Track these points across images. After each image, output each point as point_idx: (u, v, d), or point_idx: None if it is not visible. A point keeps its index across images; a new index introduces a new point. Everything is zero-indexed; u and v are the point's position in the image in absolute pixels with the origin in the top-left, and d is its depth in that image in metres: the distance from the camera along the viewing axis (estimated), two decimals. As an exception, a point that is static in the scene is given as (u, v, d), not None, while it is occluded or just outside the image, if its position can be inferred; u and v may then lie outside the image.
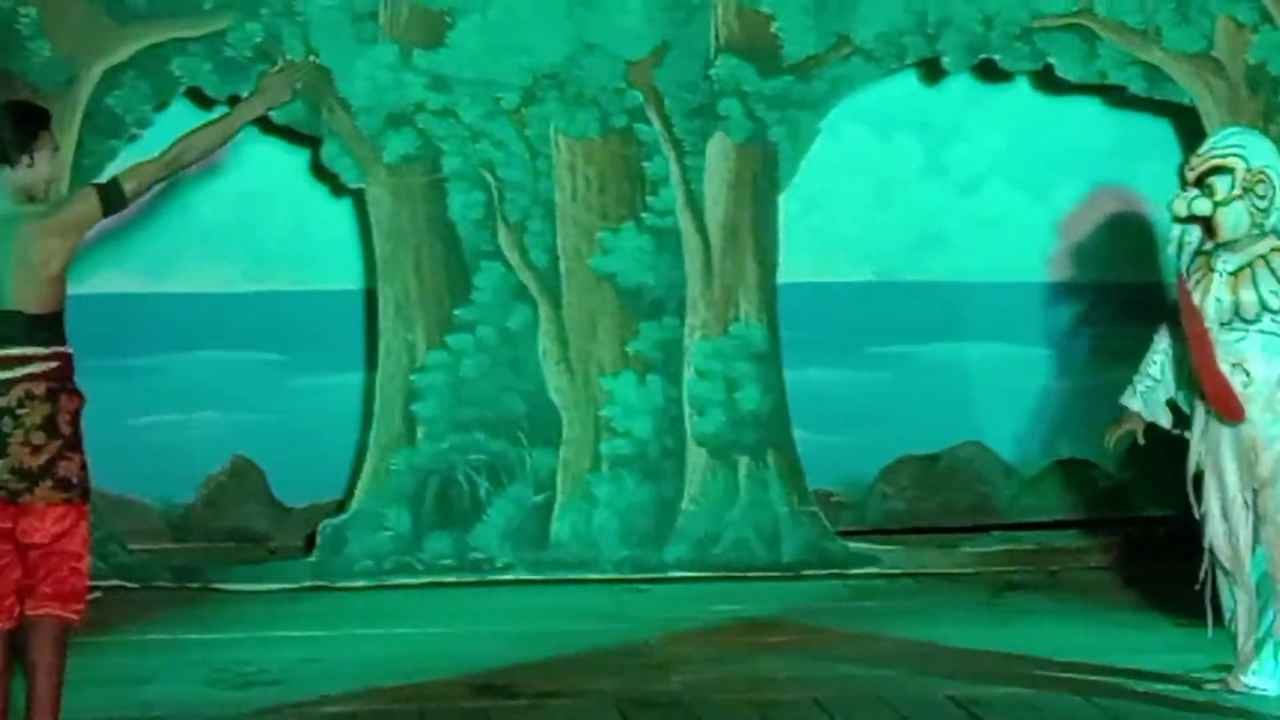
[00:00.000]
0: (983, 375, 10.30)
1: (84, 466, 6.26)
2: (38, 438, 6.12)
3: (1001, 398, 10.29)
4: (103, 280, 9.55)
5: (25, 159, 6.12)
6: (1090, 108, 10.07)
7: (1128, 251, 10.17)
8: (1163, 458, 7.63)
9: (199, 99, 9.47)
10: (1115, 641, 8.05)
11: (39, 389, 6.12)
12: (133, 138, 9.38)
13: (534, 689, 7.44)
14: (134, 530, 9.71)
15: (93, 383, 9.05)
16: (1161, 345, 7.43)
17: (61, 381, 6.20)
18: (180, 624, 8.61)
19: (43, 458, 6.13)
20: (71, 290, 6.38)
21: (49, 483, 6.15)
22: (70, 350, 6.26)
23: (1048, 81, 9.93)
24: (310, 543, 9.56)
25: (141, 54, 9.28)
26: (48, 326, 6.17)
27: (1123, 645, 7.94)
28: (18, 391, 6.10)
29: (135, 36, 9.25)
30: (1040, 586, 9.37)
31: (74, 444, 6.22)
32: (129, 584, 9.24)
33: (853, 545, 9.66)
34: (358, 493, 9.50)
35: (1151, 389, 7.42)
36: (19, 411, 6.11)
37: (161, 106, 9.40)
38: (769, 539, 9.53)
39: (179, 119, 9.45)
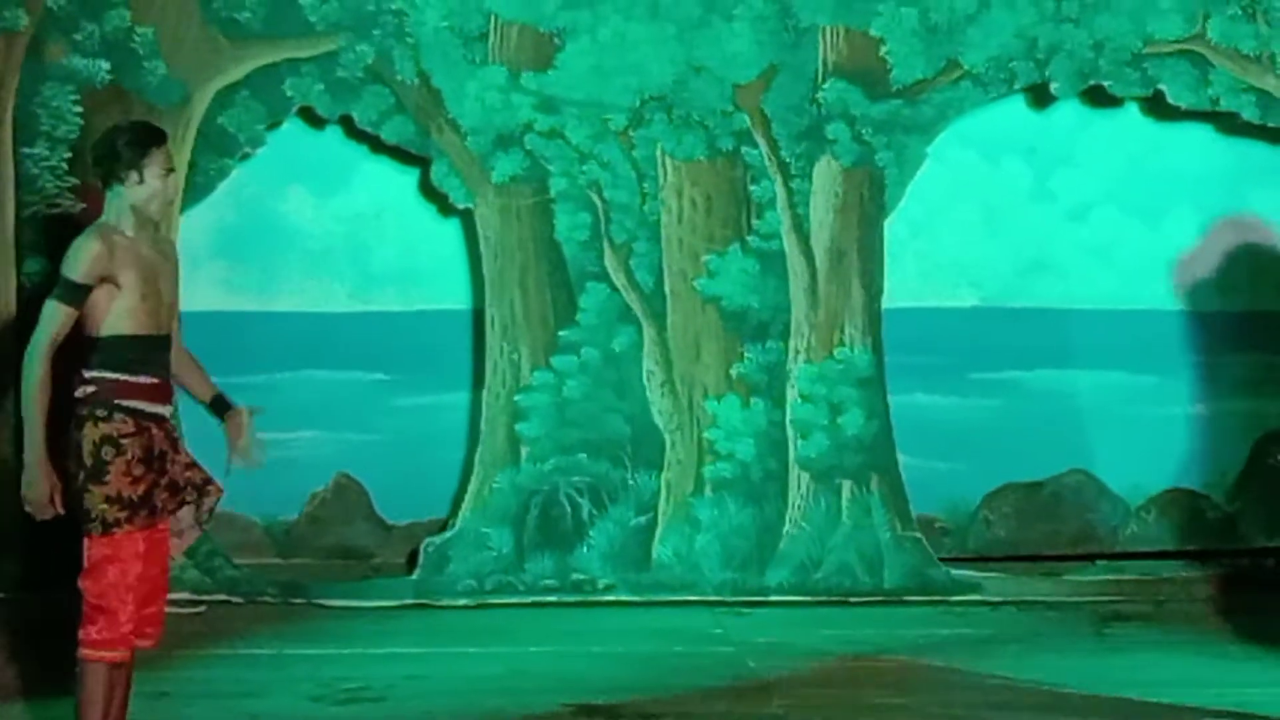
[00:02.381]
0: (1090, 403, 10.21)
1: (110, 499, 5.99)
2: (71, 465, 6.04)
3: (1108, 426, 10.21)
4: (213, 298, 9.65)
5: (134, 175, 6.10)
6: (1201, 134, 9.97)
7: (1242, 279, 10.06)
8: (1274, 488, 7.54)
9: (310, 118, 9.58)
10: (1223, 675, 7.95)
11: (75, 415, 6.04)
12: (245, 156, 9.49)
13: (637, 710, 7.44)
14: (239, 546, 9.79)
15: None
16: None
17: (92, 409, 6.03)
18: (285, 639, 8.67)
19: (74, 486, 6.03)
20: (181, 308, 6.38)
21: (79, 511, 6.03)
22: (116, 378, 6.04)
23: (1158, 108, 9.85)
24: (413, 561, 9.60)
25: (255, 74, 9.38)
26: (94, 350, 6.06)
27: (1230, 679, 7.85)
28: (74, 418, 6.07)
29: (249, 56, 9.36)
30: (1147, 617, 9.26)
31: (97, 475, 5.99)
32: (234, 598, 9.31)
33: (956, 572, 9.60)
34: (461, 512, 9.53)
35: None
36: (69, 438, 6.06)
37: (274, 125, 9.50)
38: (871, 564, 9.48)
39: (291, 138, 9.63)
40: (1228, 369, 9.57)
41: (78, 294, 5.99)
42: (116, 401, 6.03)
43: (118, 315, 6.04)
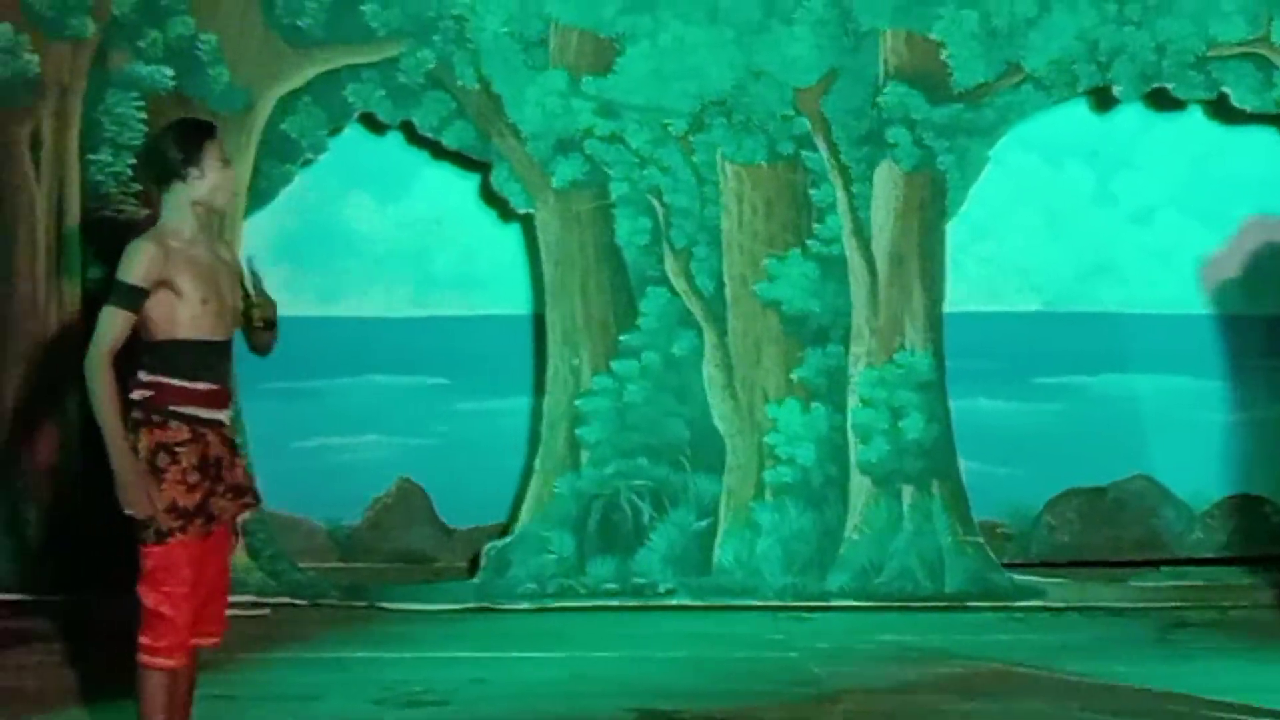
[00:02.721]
0: (1153, 408, 10.16)
1: (165, 508, 5.92)
2: None
3: (1172, 431, 10.15)
4: (278, 304, 9.67)
5: (195, 170, 6.05)
6: (1265, 137, 9.89)
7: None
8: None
9: (371, 124, 9.62)
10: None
11: (130, 419, 5.96)
12: (307, 162, 9.54)
13: (698, 714, 7.41)
14: (302, 550, 9.85)
15: (264, 404, 9.33)
16: None
17: (147, 414, 5.96)
18: (347, 642, 8.68)
19: None
20: (246, 313, 6.37)
21: (135, 520, 5.98)
22: (172, 383, 5.96)
23: (1221, 110, 9.78)
24: (474, 565, 9.62)
25: (316, 80, 9.43)
26: (150, 354, 5.99)
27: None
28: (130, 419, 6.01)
29: (311, 63, 9.41)
30: (1211, 624, 9.19)
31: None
32: (298, 601, 9.35)
33: (1018, 578, 9.55)
34: (522, 516, 9.55)
35: None
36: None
37: (335, 131, 9.54)
38: (933, 569, 9.44)
39: (352, 144, 9.66)
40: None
41: (135, 298, 5.91)
42: (172, 408, 5.97)
43: (179, 320, 5.96)
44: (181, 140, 6.08)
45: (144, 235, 6.03)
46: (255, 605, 9.06)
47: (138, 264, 5.91)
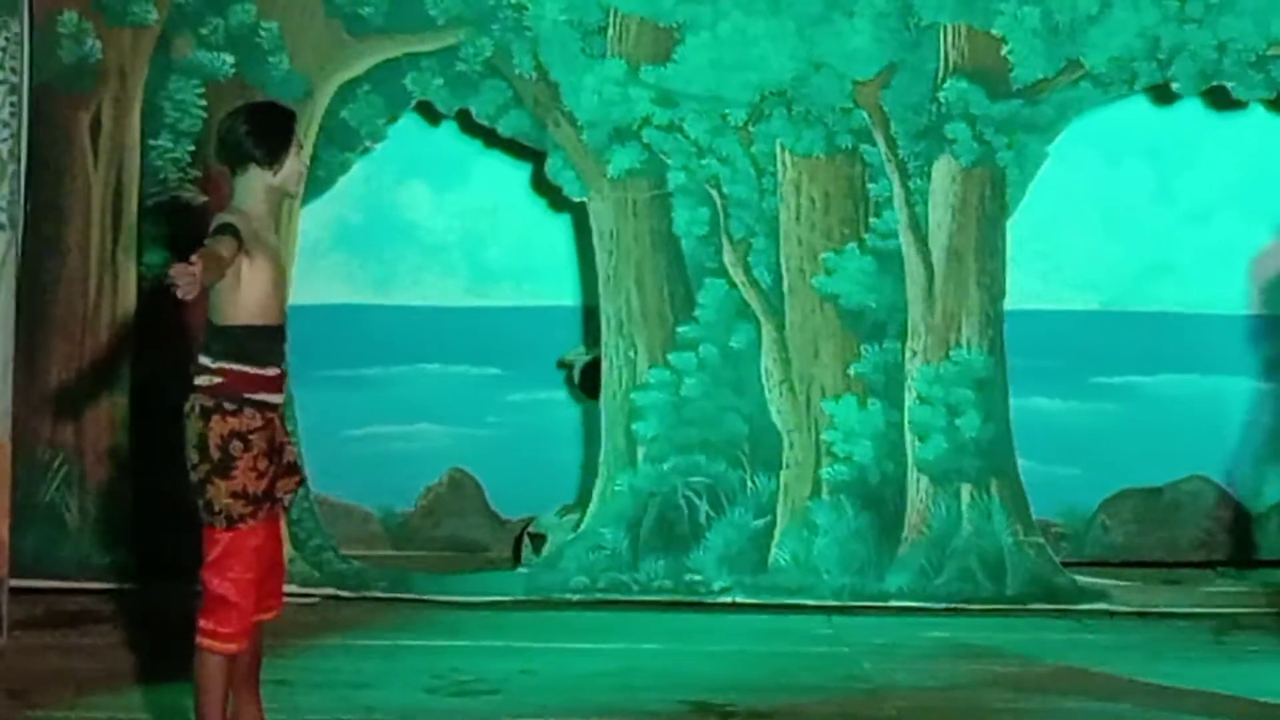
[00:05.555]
0: (1210, 408, 10.09)
1: (235, 494, 5.94)
2: (192, 456, 5.98)
3: (1229, 432, 10.10)
4: (331, 290, 9.72)
5: (275, 157, 6.03)
6: (1329, 137, 9.84)
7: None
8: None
9: (428, 113, 9.61)
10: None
11: (197, 405, 5.96)
12: (365, 150, 9.52)
13: (750, 709, 7.39)
14: (355, 537, 9.86)
15: (318, 392, 9.36)
16: None
17: (218, 401, 5.95)
18: (399, 631, 8.67)
19: (195, 477, 5.98)
20: (300, 300, 6.36)
21: (199, 502, 6.00)
22: (245, 370, 5.96)
23: (1281, 110, 9.73)
24: (517, 553, 9.62)
25: (376, 68, 9.40)
26: (221, 339, 5.97)
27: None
28: (189, 402, 5.99)
29: (371, 51, 9.38)
30: (1268, 628, 9.08)
31: (223, 470, 5.93)
32: (343, 593, 9.32)
33: (1081, 580, 9.43)
34: (577, 512, 9.51)
35: None
36: (184, 424, 6.00)
37: (393, 120, 9.51)
38: (993, 570, 9.33)
39: (408, 134, 9.66)
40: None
41: (239, 234, 5.81)
42: (246, 395, 5.98)
43: (249, 305, 5.95)
44: (264, 126, 6.09)
45: (225, 212, 6.01)
46: (299, 596, 9.04)
47: (235, 220, 5.88)
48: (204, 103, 9.33)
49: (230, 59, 9.35)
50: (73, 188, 9.40)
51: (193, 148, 9.32)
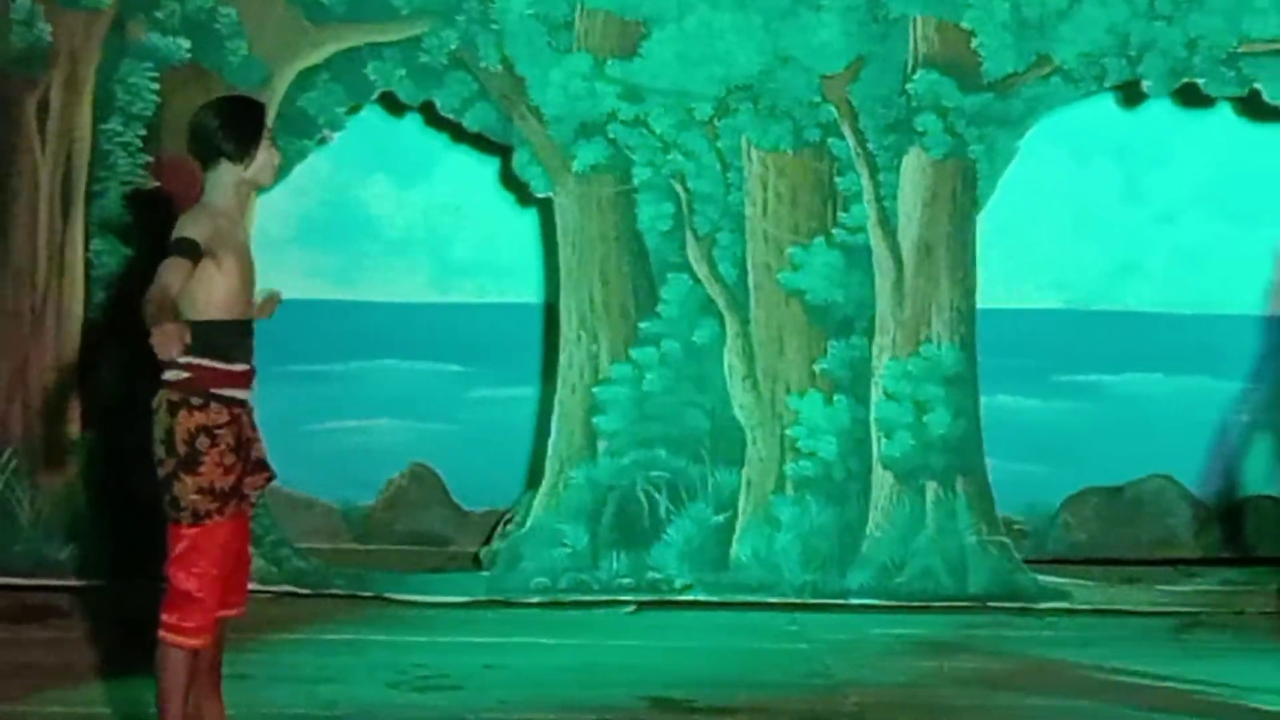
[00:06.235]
0: (1173, 408, 10.09)
1: (202, 490, 5.92)
2: (158, 451, 5.95)
3: (1192, 431, 10.09)
4: (294, 285, 9.55)
5: (254, 150, 6.03)
6: (1295, 136, 9.84)
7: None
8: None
9: (391, 104, 9.53)
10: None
11: (165, 399, 5.93)
12: (323, 140, 9.46)
13: (712, 705, 7.38)
14: (316, 530, 9.81)
15: (280, 387, 9.26)
16: None
17: (185, 395, 5.92)
18: (361, 626, 8.64)
19: (161, 472, 5.95)
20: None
21: (166, 498, 5.97)
22: (213, 365, 5.93)
23: (1252, 108, 9.69)
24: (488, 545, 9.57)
25: (337, 57, 9.32)
26: (189, 333, 5.82)
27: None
28: (156, 398, 5.96)
29: (332, 39, 9.31)
30: (1227, 625, 9.13)
31: (190, 465, 5.90)
32: (301, 590, 9.23)
33: (1043, 579, 9.41)
34: (535, 508, 9.43)
35: None
36: (151, 419, 5.97)
37: (354, 109, 9.45)
38: (956, 568, 9.30)
39: (372, 126, 9.59)
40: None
41: (195, 250, 5.79)
42: (212, 390, 5.95)
43: (217, 300, 5.92)
44: (238, 121, 6.07)
45: (195, 209, 5.98)
46: (256, 592, 8.92)
47: (197, 225, 5.85)
48: (157, 87, 9.24)
49: (186, 44, 9.26)
50: (20, 173, 9.30)
51: (144, 132, 9.24)
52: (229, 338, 5.98)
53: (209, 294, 5.90)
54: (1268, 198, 9.93)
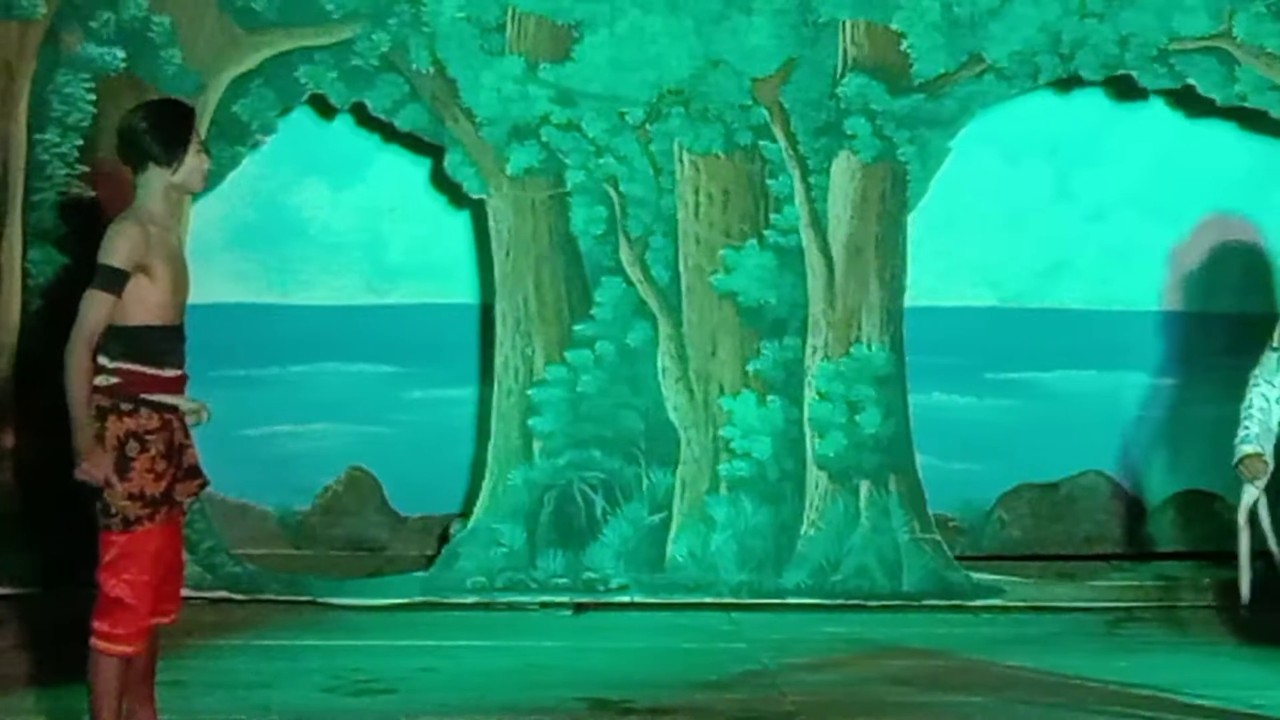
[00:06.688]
0: (1106, 404, 10.14)
1: (132, 496, 5.93)
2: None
3: (1125, 427, 10.15)
4: (226, 290, 9.59)
5: (181, 154, 6.02)
6: (1225, 135, 9.86)
7: (1258, 282, 9.98)
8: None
9: (321, 106, 9.52)
10: (1235, 677, 7.90)
11: (94, 405, 5.89)
12: (256, 144, 9.44)
13: (649, 705, 7.41)
14: (252, 536, 9.76)
15: (214, 392, 9.10)
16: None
17: (115, 401, 5.92)
18: (297, 631, 8.63)
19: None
20: (195, 299, 6.27)
21: (97, 504, 5.97)
22: (143, 371, 5.95)
23: (1184, 103, 9.76)
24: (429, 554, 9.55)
25: (269, 62, 9.30)
26: (119, 339, 5.92)
27: (1243, 681, 7.80)
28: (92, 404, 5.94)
29: (264, 45, 9.29)
30: (1160, 620, 9.21)
31: (119, 471, 5.90)
32: (236, 596, 9.22)
33: (976, 576, 9.48)
34: (474, 509, 9.44)
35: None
36: None
37: (285, 112, 9.43)
38: (890, 567, 9.36)
39: (303, 129, 9.57)
40: (1244, 371, 9.49)
41: (120, 280, 5.86)
42: (143, 396, 5.95)
43: (149, 306, 5.93)
44: (163, 125, 6.07)
45: (123, 217, 5.99)
46: (189, 599, 8.91)
47: (121, 246, 5.87)
48: (93, 97, 9.20)
49: (121, 53, 9.23)
50: (-46, 183, 9.27)
51: (81, 142, 9.20)
52: (160, 343, 5.98)
53: (141, 300, 5.91)
54: (1196, 196, 10.00)
